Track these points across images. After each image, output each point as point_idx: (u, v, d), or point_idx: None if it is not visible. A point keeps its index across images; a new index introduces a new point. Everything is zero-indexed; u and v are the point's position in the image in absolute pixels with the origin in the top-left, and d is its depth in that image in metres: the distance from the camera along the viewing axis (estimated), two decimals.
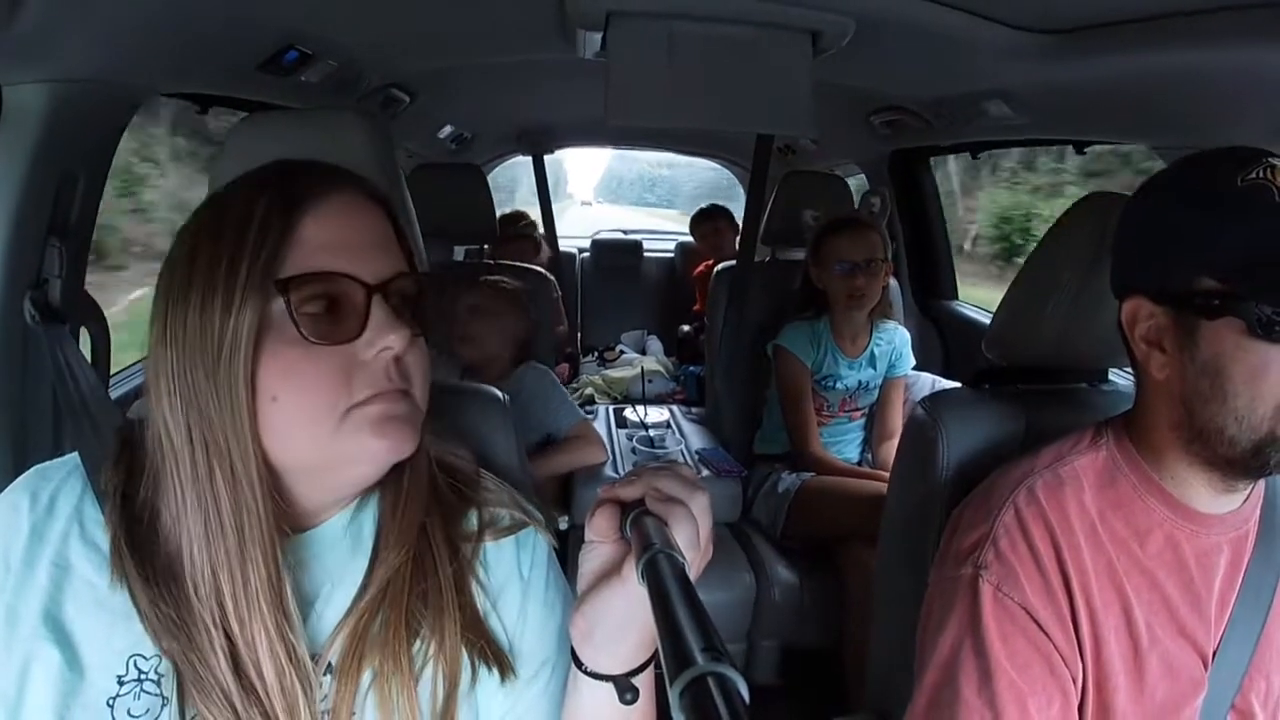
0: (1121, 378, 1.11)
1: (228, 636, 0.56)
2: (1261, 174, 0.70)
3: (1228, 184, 0.71)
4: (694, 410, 2.71)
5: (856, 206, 2.28)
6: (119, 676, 0.57)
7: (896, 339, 2.13)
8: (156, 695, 0.57)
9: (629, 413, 2.47)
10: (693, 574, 0.48)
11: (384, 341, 0.58)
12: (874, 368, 2.10)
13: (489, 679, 0.64)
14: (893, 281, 2.16)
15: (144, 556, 0.57)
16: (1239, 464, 0.74)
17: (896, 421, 2.14)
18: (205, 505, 0.56)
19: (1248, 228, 0.69)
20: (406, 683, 0.60)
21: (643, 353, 4.08)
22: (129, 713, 0.56)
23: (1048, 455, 0.85)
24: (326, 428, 0.57)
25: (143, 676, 0.57)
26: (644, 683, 0.58)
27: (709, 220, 3.87)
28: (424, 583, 0.63)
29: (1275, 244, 0.68)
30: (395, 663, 0.60)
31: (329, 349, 0.57)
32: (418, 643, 0.62)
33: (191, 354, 0.56)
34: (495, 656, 0.64)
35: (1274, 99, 1.08)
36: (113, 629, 0.58)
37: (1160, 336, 0.76)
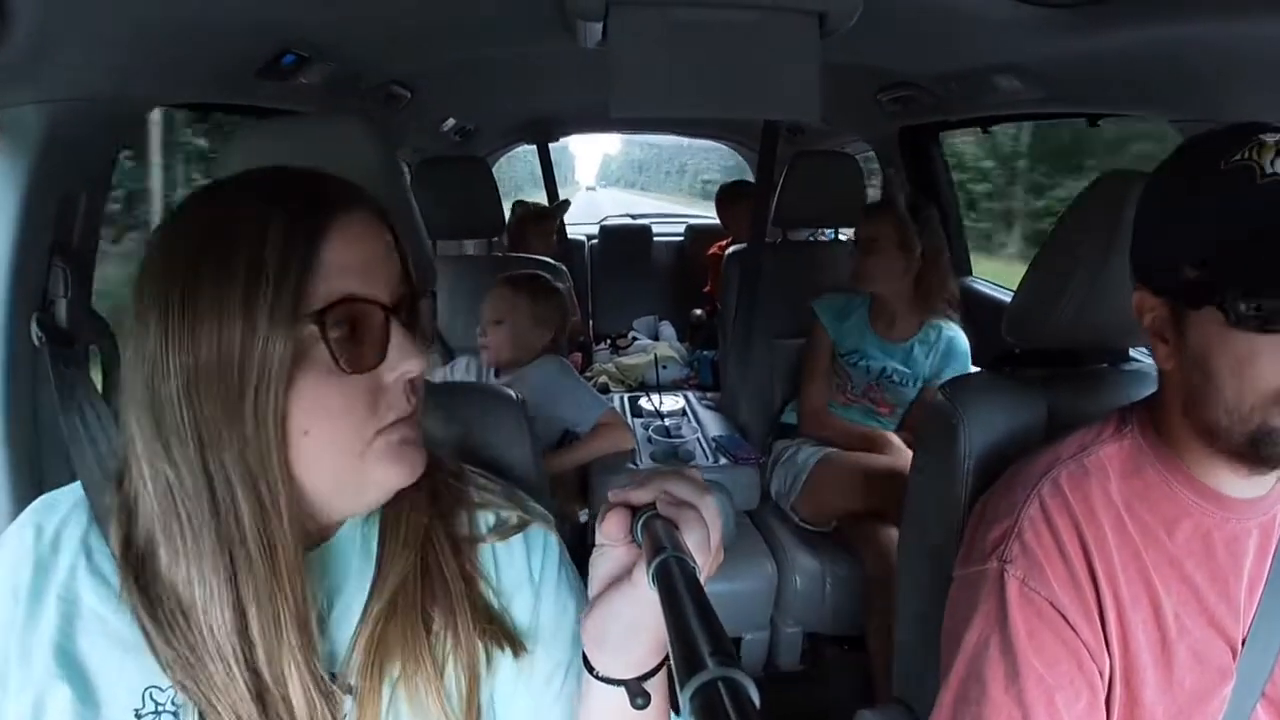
0: (1145, 355, 1.09)
1: (254, 673, 0.54)
2: (1247, 154, 0.66)
3: (1210, 168, 0.68)
4: (709, 396, 2.70)
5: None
6: (136, 710, 0.56)
7: (945, 340, 1.99)
8: None
9: (644, 401, 2.46)
10: (703, 578, 0.48)
11: (405, 365, 0.57)
12: (909, 362, 2.00)
13: (504, 661, 0.64)
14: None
15: (152, 593, 0.56)
16: (1240, 456, 0.71)
17: None
18: (230, 541, 0.53)
19: (1223, 212, 0.67)
20: (433, 679, 0.60)
21: (655, 338, 4.06)
22: None
23: (1072, 444, 0.83)
24: (353, 456, 0.57)
25: (160, 709, 0.56)
26: (656, 688, 0.57)
27: (746, 199, 3.20)
28: (431, 581, 0.63)
29: (1250, 226, 0.65)
30: (418, 663, 0.60)
31: (356, 377, 0.55)
32: (434, 640, 0.62)
33: (205, 386, 0.51)
34: (506, 637, 0.64)
35: None
36: (124, 661, 0.56)
37: (1162, 328, 0.74)
